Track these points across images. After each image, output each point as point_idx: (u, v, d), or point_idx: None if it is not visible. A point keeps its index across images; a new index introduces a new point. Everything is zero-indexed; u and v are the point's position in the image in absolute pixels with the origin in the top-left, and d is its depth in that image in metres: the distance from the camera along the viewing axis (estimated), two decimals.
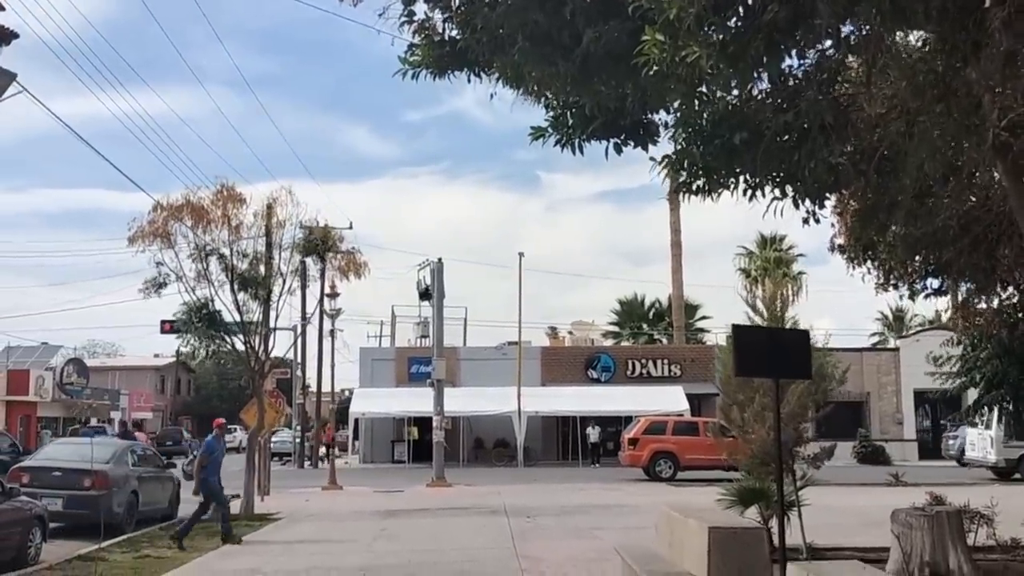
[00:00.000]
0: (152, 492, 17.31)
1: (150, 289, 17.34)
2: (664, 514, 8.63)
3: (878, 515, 16.95)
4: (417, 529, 15.16)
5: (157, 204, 17.39)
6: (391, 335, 50.18)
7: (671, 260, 51.03)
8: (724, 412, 11.57)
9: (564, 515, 17.41)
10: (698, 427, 29.09)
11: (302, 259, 18.56)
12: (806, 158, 6.65)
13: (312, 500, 22.06)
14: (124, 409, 62.30)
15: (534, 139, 8.18)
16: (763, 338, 10.02)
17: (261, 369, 18.76)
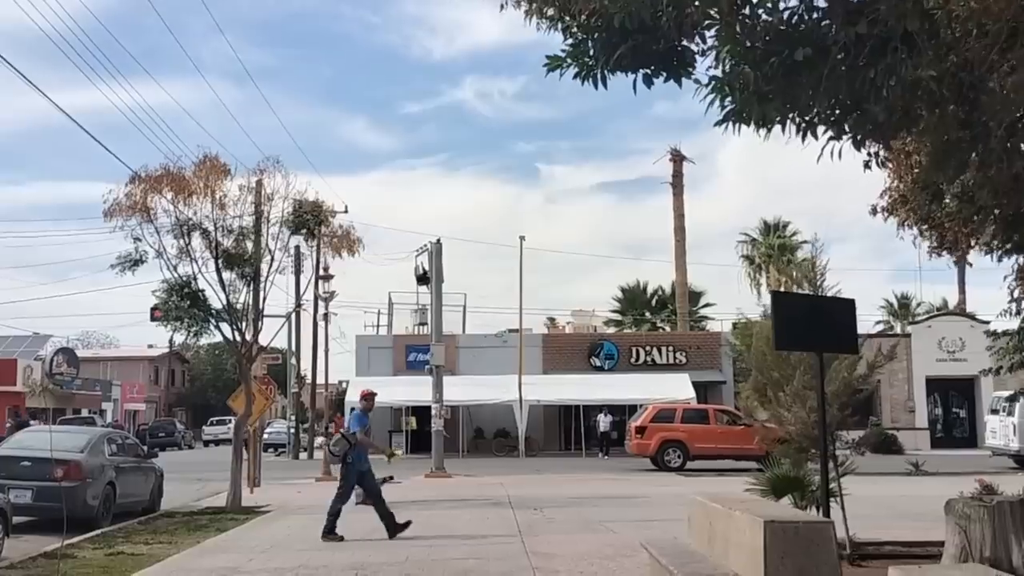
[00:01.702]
0: (131, 484, 16.18)
1: (124, 266, 16.17)
2: (700, 505, 7.50)
3: (905, 506, 15.92)
4: (416, 522, 13.98)
5: (135, 175, 16.20)
6: (388, 324, 49.09)
7: (674, 246, 49.98)
8: (756, 391, 10.42)
9: (572, 507, 16.31)
10: (708, 415, 28.02)
11: (291, 234, 17.28)
12: (883, 75, 5.48)
13: (304, 492, 20.90)
14: (116, 400, 61.11)
15: (550, 69, 7.01)
16: (805, 307, 8.90)
17: (249, 353, 17.62)
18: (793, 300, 8.93)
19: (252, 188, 16.72)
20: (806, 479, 10.63)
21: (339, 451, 12.45)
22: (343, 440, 12.49)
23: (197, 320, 16.85)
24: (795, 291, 10.10)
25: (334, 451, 12.60)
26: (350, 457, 12.42)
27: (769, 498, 10.82)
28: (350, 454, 12.39)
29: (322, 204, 17.47)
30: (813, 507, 10.67)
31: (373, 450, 13.27)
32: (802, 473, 10.64)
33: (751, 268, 54.52)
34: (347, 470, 12.53)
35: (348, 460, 12.44)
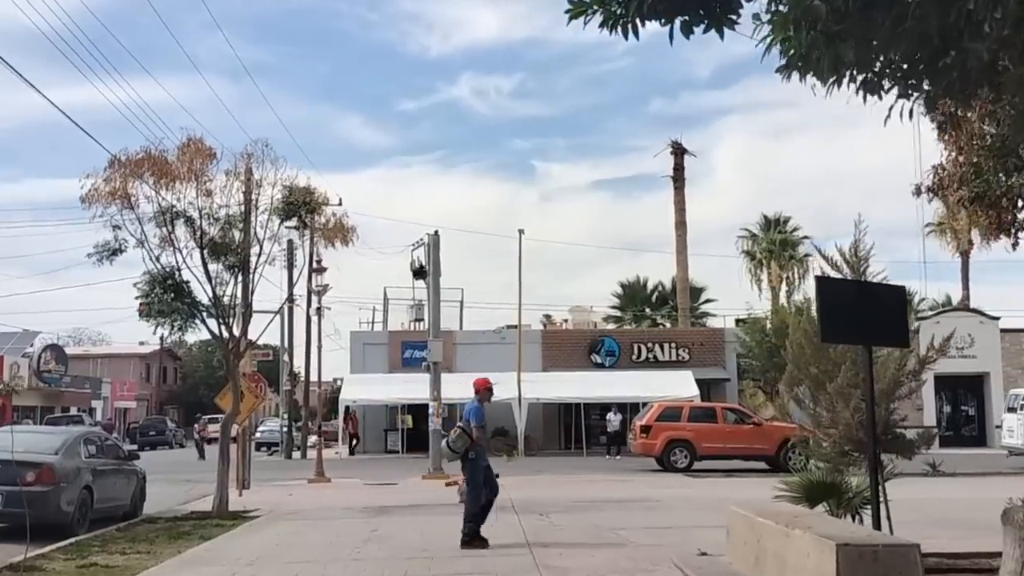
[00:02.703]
0: (110, 488, 15.17)
1: (102, 256, 15.18)
2: (743, 519, 6.54)
3: (933, 510, 14.93)
4: (413, 529, 13.05)
5: (114, 159, 15.19)
6: (383, 320, 48.08)
7: (675, 241, 49.09)
8: (789, 387, 9.47)
9: (578, 511, 15.35)
10: (716, 413, 27.07)
11: (281, 222, 16.28)
12: (985, 6, 4.52)
13: (296, 494, 19.95)
14: (106, 398, 60.04)
15: (573, 16, 6.04)
16: (852, 294, 7.94)
17: (237, 349, 16.63)
18: (839, 287, 7.97)
19: (239, 174, 15.71)
20: (844, 485, 9.71)
21: (460, 447, 11.23)
22: (464, 435, 11.23)
23: (181, 314, 15.85)
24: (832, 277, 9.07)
25: (454, 447, 11.27)
26: (472, 452, 11.30)
27: (803, 505, 9.92)
28: (472, 449, 11.27)
29: (314, 191, 16.46)
30: (850, 515, 9.77)
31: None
32: (839, 479, 9.73)
33: (752, 264, 53.70)
34: (472, 466, 11.34)
35: (471, 456, 11.31)
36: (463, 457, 11.31)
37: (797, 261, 52.63)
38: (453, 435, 11.38)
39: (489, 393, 11.93)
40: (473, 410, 11.50)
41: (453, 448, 11.32)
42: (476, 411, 11.47)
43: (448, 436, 11.51)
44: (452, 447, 11.32)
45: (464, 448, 11.23)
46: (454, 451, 11.33)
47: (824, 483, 9.70)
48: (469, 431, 11.26)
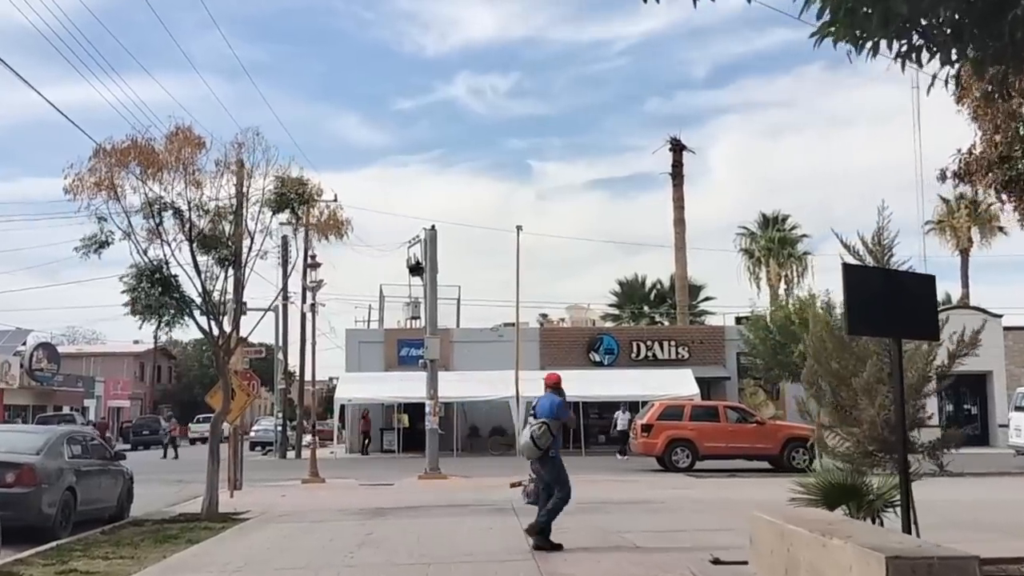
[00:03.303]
0: (95, 489, 14.63)
1: (88, 248, 14.63)
2: (770, 526, 6.01)
3: (951, 512, 14.38)
4: (409, 533, 12.51)
5: (99, 148, 14.62)
6: (379, 318, 47.49)
7: (674, 238, 48.63)
8: (811, 385, 8.94)
9: (580, 513, 14.72)
10: (718, 412, 26.53)
11: (273, 214, 15.72)
12: None
13: (289, 495, 19.41)
14: (99, 397, 59.41)
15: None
16: (881, 284, 7.42)
17: (227, 345, 16.08)
18: (866, 275, 7.44)
19: (228, 164, 15.15)
20: (864, 488, 9.20)
21: (545, 444, 10.59)
22: (548, 431, 10.59)
23: (169, 309, 15.28)
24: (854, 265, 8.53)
25: (539, 444, 10.57)
26: (553, 450, 10.72)
27: (821, 507, 9.41)
28: (553, 447, 10.69)
29: (306, 182, 15.90)
30: (870, 519, 9.27)
31: None
32: (859, 481, 9.22)
33: (751, 262, 53.30)
34: (553, 464, 10.75)
35: (552, 454, 10.72)
36: (545, 454, 10.69)
37: (796, 259, 52.30)
38: (537, 430, 10.61)
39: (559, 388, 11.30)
40: (559, 405, 10.89)
41: (538, 444, 10.60)
42: (561, 405, 10.91)
43: (531, 431, 10.66)
44: (537, 443, 10.61)
45: (548, 445, 10.63)
46: (538, 447, 10.62)
47: (844, 485, 9.19)
48: (553, 427, 10.65)
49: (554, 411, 10.78)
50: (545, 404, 10.93)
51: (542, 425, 10.65)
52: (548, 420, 10.68)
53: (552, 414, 10.76)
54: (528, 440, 10.70)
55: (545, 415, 10.76)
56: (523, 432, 10.92)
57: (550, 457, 10.71)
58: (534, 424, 10.75)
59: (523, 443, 10.82)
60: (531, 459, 10.89)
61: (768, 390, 39.04)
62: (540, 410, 10.92)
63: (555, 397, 11.03)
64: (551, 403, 10.91)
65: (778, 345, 23.02)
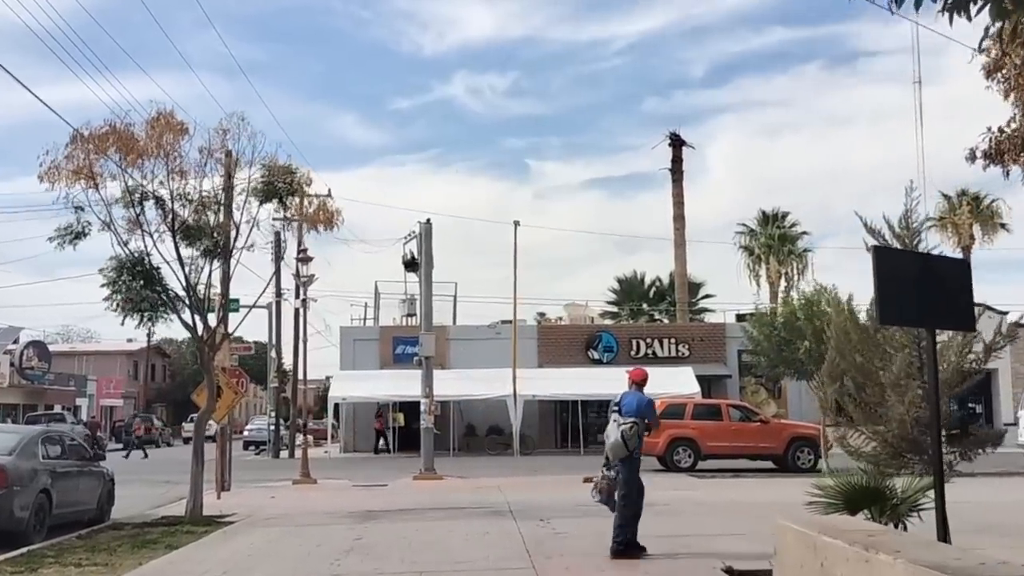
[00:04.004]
0: (73, 491, 13.98)
1: (64, 239, 13.98)
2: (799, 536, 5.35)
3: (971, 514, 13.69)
4: (401, 538, 11.85)
5: (76, 133, 13.96)
6: (375, 316, 46.85)
7: (674, 234, 47.98)
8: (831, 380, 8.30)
9: (582, 516, 14.10)
10: (721, 410, 25.87)
11: (260, 204, 15.08)
12: None
13: (278, 497, 18.74)
14: (91, 396, 58.70)
15: None
16: (913, 268, 6.76)
17: (212, 341, 15.42)
18: (899, 260, 6.78)
19: (213, 151, 14.48)
20: (889, 491, 8.56)
21: (635, 444, 9.90)
22: (638, 431, 9.88)
23: (151, 303, 14.63)
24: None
25: (629, 444, 9.87)
26: (638, 452, 10.06)
27: (841, 512, 8.76)
28: (639, 449, 10.04)
29: (295, 171, 15.26)
30: (891, 523, 8.63)
31: None
32: (882, 483, 8.58)
33: (750, 259, 52.74)
34: (631, 465, 10.04)
35: (635, 455, 10.05)
36: (630, 455, 10.00)
37: (796, 256, 51.75)
38: (628, 430, 9.87)
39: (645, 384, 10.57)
40: (648, 404, 10.20)
41: (628, 444, 9.90)
42: (650, 405, 10.24)
43: (621, 429, 9.85)
44: (627, 443, 9.89)
45: (636, 445, 9.96)
46: (628, 448, 9.92)
47: (866, 487, 8.55)
48: (642, 426, 9.98)
49: (641, 410, 10.06)
50: (632, 402, 10.17)
51: (632, 424, 9.92)
52: (638, 420, 9.98)
53: (639, 413, 10.06)
54: (618, 439, 9.94)
55: (633, 413, 10.03)
56: (609, 430, 10.14)
57: (634, 458, 10.06)
58: (623, 423, 9.98)
59: (611, 442, 9.99)
60: (615, 459, 10.14)
61: (770, 388, 38.45)
62: (626, 408, 10.14)
63: (642, 395, 10.32)
64: (639, 401, 10.17)
65: (783, 342, 22.37)
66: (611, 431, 10.02)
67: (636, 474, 10.08)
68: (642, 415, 10.01)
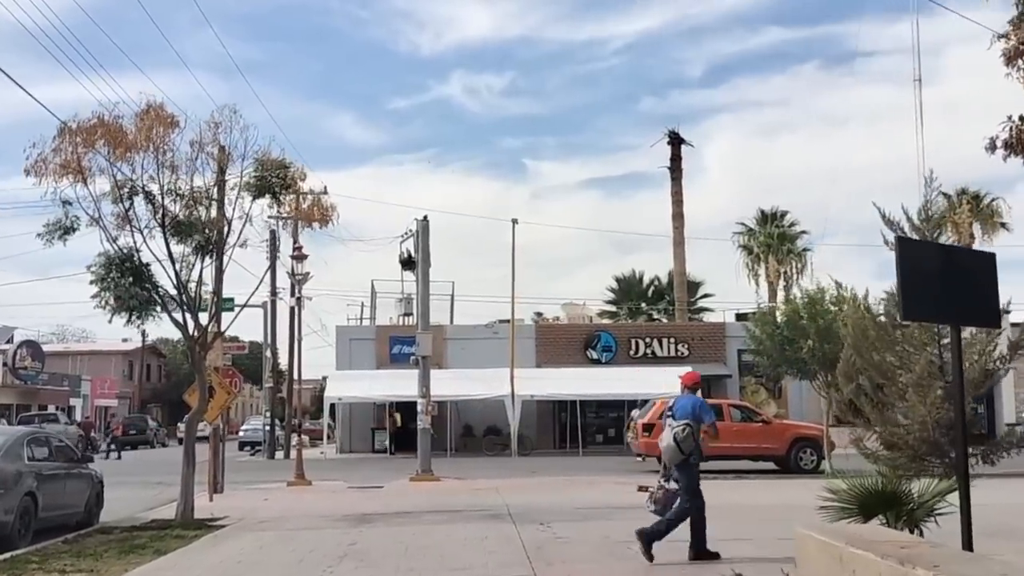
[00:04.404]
0: (59, 494, 13.61)
1: (52, 234, 13.61)
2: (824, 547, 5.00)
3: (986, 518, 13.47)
4: (397, 543, 11.48)
5: (64, 126, 13.58)
6: (371, 316, 46.44)
7: (673, 233, 47.64)
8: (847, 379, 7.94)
9: (583, 520, 13.79)
10: (722, 411, 25.44)
11: (253, 199, 14.69)
12: None
13: (272, 499, 18.37)
14: (86, 396, 58.25)
15: None
16: (937, 261, 6.41)
17: (203, 339, 15.04)
18: (924, 251, 6.41)
19: (204, 145, 14.09)
20: (906, 495, 8.21)
21: (689, 448, 9.55)
22: (692, 435, 9.52)
23: (141, 301, 14.24)
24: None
25: (684, 447, 9.53)
26: (695, 456, 9.71)
27: (855, 518, 8.43)
28: (694, 452, 9.67)
29: (289, 165, 14.87)
30: (907, 529, 8.28)
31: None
32: (899, 487, 8.24)
33: (749, 258, 52.46)
34: (690, 471, 9.68)
35: (692, 460, 9.69)
36: (686, 460, 9.64)
37: (795, 255, 51.46)
38: (681, 433, 9.54)
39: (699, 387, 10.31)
40: (704, 405, 9.86)
41: (682, 448, 9.56)
42: (708, 407, 9.91)
43: (674, 432, 9.52)
44: (681, 447, 9.56)
45: (692, 449, 9.60)
46: (682, 451, 9.58)
47: (882, 491, 8.20)
48: (697, 429, 9.62)
49: (696, 412, 9.69)
50: (686, 404, 9.82)
51: (686, 427, 9.56)
52: (691, 422, 9.63)
53: (694, 415, 9.70)
54: (671, 443, 9.61)
55: (687, 416, 9.67)
56: (663, 436, 9.79)
57: (691, 463, 9.69)
58: (676, 425, 9.65)
59: (665, 446, 9.66)
60: (671, 464, 9.76)
61: (770, 388, 38.12)
62: (680, 411, 9.80)
63: (696, 397, 10.00)
64: (693, 404, 9.82)
65: (786, 341, 22.01)
66: (665, 436, 9.70)
67: (696, 480, 9.73)
68: (696, 417, 9.66)
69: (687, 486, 9.61)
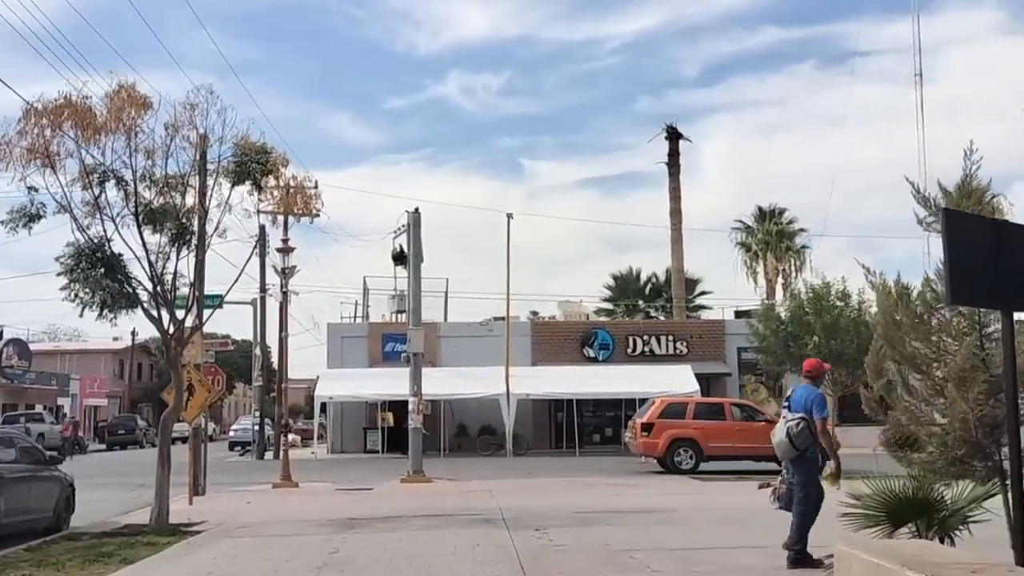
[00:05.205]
0: (24, 498, 12.79)
1: (16, 223, 12.81)
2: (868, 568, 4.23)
3: None
4: (383, 551, 10.68)
5: (29, 107, 12.77)
6: (364, 314, 45.63)
7: (671, 230, 46.95)
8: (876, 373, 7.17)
9: (581, 525, 13.01)
10: (724, 409, 24.75)
11: (232, 186, 13.89)
12: None
13: (255, 502, 17.55)
14: (74, 395, 57.36)
15: None
16: (989, 238, 5.63)
17: (180, 335, 14.24)
18: (975, 226, 5.63)
19: (179, 127, 13.28)
20: (939, 502, 7.45)
21: (803, 443, 8.86)
22: (807, 428, 8.84)
23: (113, 294, 13.43)
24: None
25: (798, 443, 8.86)
26: (812, 451, 9.00)
27: (882, 527, 7.67)
28: (812, 447, 8.96)
29: (270, 150, 14.08)
30: (938, 538, 7.52)
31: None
32: (932, 493, 7.47)
33: (748, 256, 51.81)
34: (810, 467, 9.00)
35: (810, 455, 9.00)
36: (803, 456, 8.94)
37: (794, 253, 50.84)
38: (795, 427, 8.87)
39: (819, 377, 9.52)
40: (818, 399, 9.07)
41: (795, 443, 8.87)
42: (822, 401, 9.12)
43: (787, 426, 8.85)
44: (794, 442, 8.86)
45: (807, 443, 8.88)
46: (796, 447, 8.88)
47: (913, 497, 7.44)
48: (813, 423, 8.89)
49: (807, 405, 8.93)
50: (801, 396, 9.09)
51: (800, 421, 8.88)
52: (807, 415, 8.91)
53: (806, 407, 8.94)
54: (784, 438, 8.93)
55: (802, 409, 8.97)
56: (777, 429, 9.07)
57: (807, 458, 8.98)
58: (791, 419, 8.97)
59: (777, 441, 8.97)
60: (785, 459, 9.07)
61: (770, 386, 37.40)
62: (795, 403, 9.10)
63: (812, 389, 9.22)
64: (807, 396, 9.08)
65: (791, 337, 21.25)
66: (778, 430, 9.04)
67: (814, 476, 9.01)
68: (807, 410, 8.94)
69: (803, 481, 8.93)
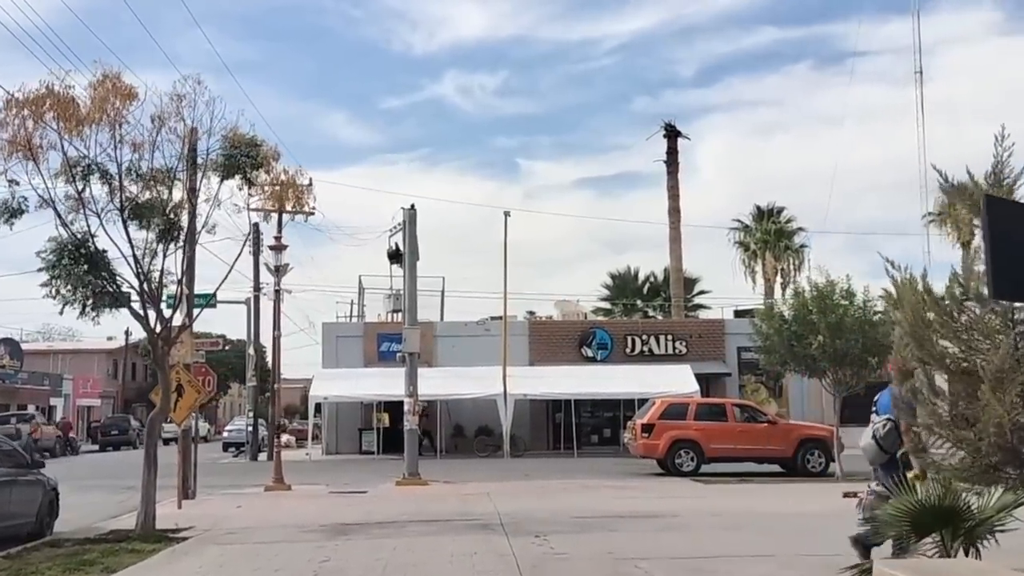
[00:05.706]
0: (6, 503, 12.37)
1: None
2: None
3: None
4: (375, 560, 10.22)
5: (10, 98, 12.30)
6: (359, 313, 45.17)
7: (669, 229, 46.49)
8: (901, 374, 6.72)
9: (583, 531, 12.54)
10: (725, 410, 24.31)
11: (222, 180, 13.45)
12: None
13: (245, 506, 17.09)
14: (67, 395, 56.82)
15: None
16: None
17: (167, 333, 13.77)
18: (1019, 213, 5.20)
19: (164, 118, 12.80)
20: (965, 510, 7.00)
21: (891, 446, 8.32)
22: (895, 431, 8.28)
23: (96, 291, 12.96)
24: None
25: (885, 446, 8.37)
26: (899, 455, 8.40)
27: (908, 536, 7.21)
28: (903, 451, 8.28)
29: (260, 143, 13.63)
30: (963, 548, 7.08)
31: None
32: (958, 501, 7.03)
33: (746, 255, 51.45)
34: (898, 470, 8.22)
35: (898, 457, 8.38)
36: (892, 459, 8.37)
37: (793, 252, 50.50)
38: (882, 429, 8.39)
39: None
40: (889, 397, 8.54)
41: (883, 446, 8.36)
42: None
43: (874, 429, 8.39)
44: (882, 445, 8.37)
45: (895, 448, 8.30)
46: (884, 451, 8.37)
47: (938, 506, 6.98)
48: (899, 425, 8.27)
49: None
50: (888, 398, 8.54)
51: (887, 423, 8.38)
52: (894, 417, 8.34)
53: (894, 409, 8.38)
54: (871, 441, 8.45)
55: (888, 410, 8.46)
56: (866, 432, 8.55)
57: (895, 461, 8.39)
58: (877, 421, 8.52)
59: (864, 445, 8.47)
60: (874, 464, 8.57)
61: (770, 387, 37.01)
62: (882, 405, 8.63)
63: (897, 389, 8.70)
64: (893, 396, 8.55)
65: (795, 337, 20.81)
66: (865, 434, 8.54)
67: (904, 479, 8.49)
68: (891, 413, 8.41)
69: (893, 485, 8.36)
